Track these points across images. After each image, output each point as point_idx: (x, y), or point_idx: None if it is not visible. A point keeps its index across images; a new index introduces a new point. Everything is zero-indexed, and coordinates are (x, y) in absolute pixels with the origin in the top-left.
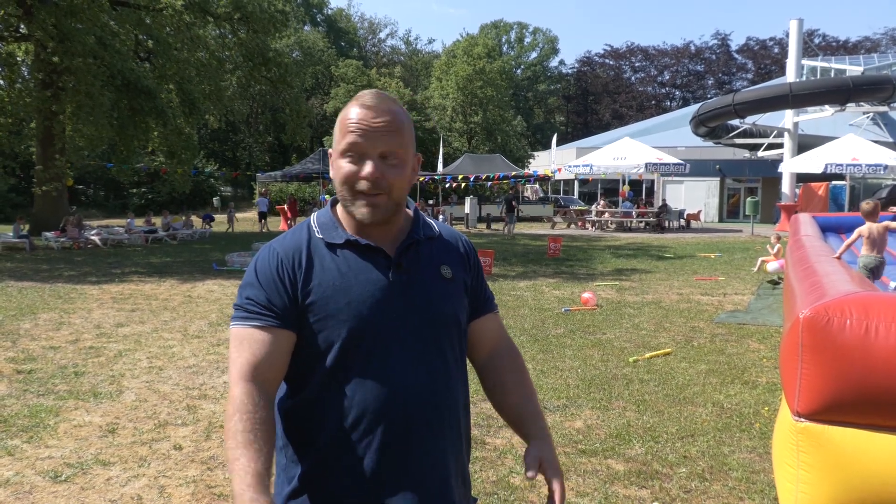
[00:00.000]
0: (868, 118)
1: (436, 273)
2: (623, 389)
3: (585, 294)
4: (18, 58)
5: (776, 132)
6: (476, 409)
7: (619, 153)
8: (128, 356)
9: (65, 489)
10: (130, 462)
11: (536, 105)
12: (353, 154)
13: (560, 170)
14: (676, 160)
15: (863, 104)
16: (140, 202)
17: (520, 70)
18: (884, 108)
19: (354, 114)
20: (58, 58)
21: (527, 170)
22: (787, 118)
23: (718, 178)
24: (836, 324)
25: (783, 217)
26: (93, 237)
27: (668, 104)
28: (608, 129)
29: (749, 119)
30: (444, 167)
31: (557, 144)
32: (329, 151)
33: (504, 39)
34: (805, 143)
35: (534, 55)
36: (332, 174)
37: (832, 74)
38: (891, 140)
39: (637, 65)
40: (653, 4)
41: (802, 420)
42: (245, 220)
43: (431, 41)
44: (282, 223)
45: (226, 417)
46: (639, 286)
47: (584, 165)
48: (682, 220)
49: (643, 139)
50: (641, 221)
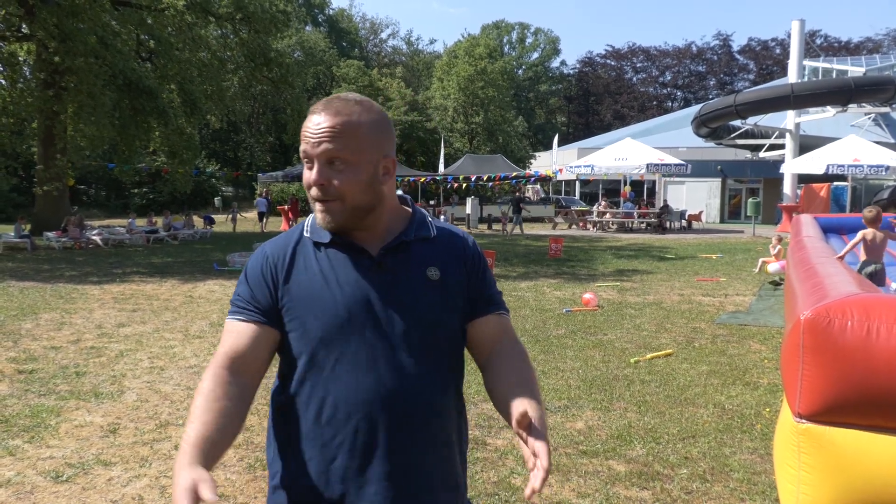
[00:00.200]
0: (870, 119)
1: (421, 275)
2: (624, 390)
3: (587, 295)
4: (20, 58)
5: (778, 133)
6: (477, 410)
7: (621, 154)
8: (129, 356)
9: (66, 489)
10: (132, 462)
11: (538, 105)
12: (307, 161)
13: (561, 170)
14: (678, 161)
15: (864, 105)
16: (141, 202)
17: (521, 70)
18: (885, 109)
19: (307, 121)
20: (59, 58)
21: (528, 170)
22: (789, 119)
23: (720, 179)
24: (838, 325)
25: (784, 218)
26: (94, 237)
27: (670, 105)
28: (609, 130)
29: (751, 120)
30: (446, 168)
31: (559, 145)
32: None
33: (505, 40)
34: (807, 144)
35: (535, 55)
36: None
37: (834, 75)
38: (892, 141)
39: (638, 65)
40: (654, 5)
41: (804, 421)
42: (247, 221)
43: (433, 41)
44: (283, 223)
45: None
46: (640, 287)
47: (586, 166)
48: (684, 221)
49: (645, 140)
50: (643, 222)
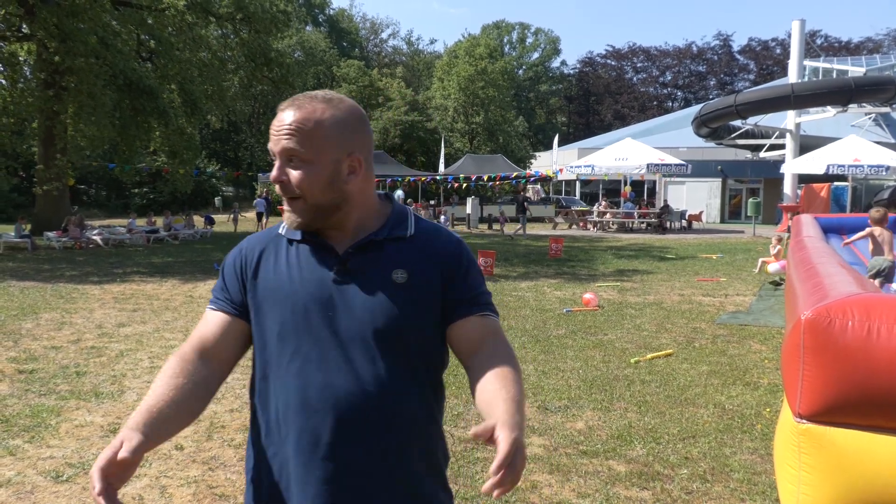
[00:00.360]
0: (870, 119)
1: (386, 277)
2: (624, 390)
3: (587, 295)
4: (21, 57)
5: (778, 133)
6: (477, 410)
7: (621, 154)
8: (129, 356)
9: (66, 489)
10: None
11: (538, 105)
12: (273, 158)
13: (562, 170)
14: (678, 161)
15: (865, 105)
16: (142, 202)
17: (521, 70)
18: (886, 109)
19: (274, 118)
20: (60, 58)
21: (528, 170)
22: (789, 119)
23: (720, 179)
24: (838, 325)
25: (784, 218)
26: (94, 237)
27: (670, 105)
28: (610, 130)
29: (751, 120)
30: (446, 168)
31: (559, 145)
32: None
33: (506, 40)
34: (807, 144)
35: (535, 56)
36: None
37: (834, 75)
38: (893, 141)
39: (639, 65)
40: (654, 5)
41: (804, 421)
42: (248, 221)
43: (433, 41)
44: None
45: None
46: (640, 287)
47: (586, 166)
48: (684, 221)
49: (645, 140)
50: (643, 222)
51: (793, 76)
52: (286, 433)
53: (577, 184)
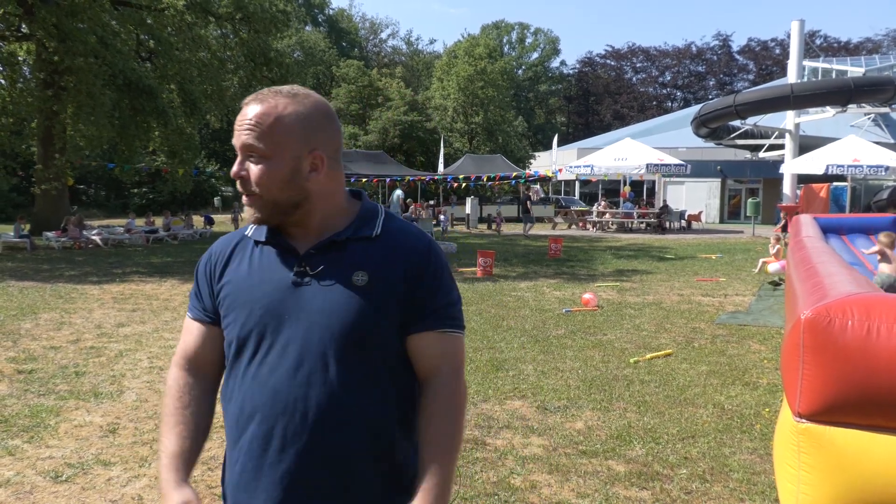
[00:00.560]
0: (869, 119)
1: (346, 279)
2: (624, 390)
3: (586, 295)
4: (20, 57)
5: (777, 133)
6: (476, 410)
7: (620, 154)
8: (129, 356)
9: (65, 489)
10: (131, 462)
11: (537, 105)
12: (237, 154)
13: (561, 170)
14: (677, 161)
15: (864, 105)
16: (141, 202)
17: (521, 70)
18: (885, 110)
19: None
20: (59, 57)
21: (528, 170)
22: (789, 119)
23: (719, 179)
24: (838, 325)
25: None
26: (94, 237)
27: (670, 105)
28: (609, 130)
29: (750, 120)
30: (445, 167)
31: (558, 145)
32: None
33: (505, 40)
34: (806, 144)
35: (535, 56)
36: None
37: (833, 75)
38: (892, 141)
39: (638, 65)
40: (654, 5)
41: (804, 421)
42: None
43: (433, 41)
44: None
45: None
46: (640, 287)
47: (585, 166)
48: (683, 221)
49: (644, 140)
50: (642, 222)
51: (792, 76)
52: (242, 437)
53: (577, 184)
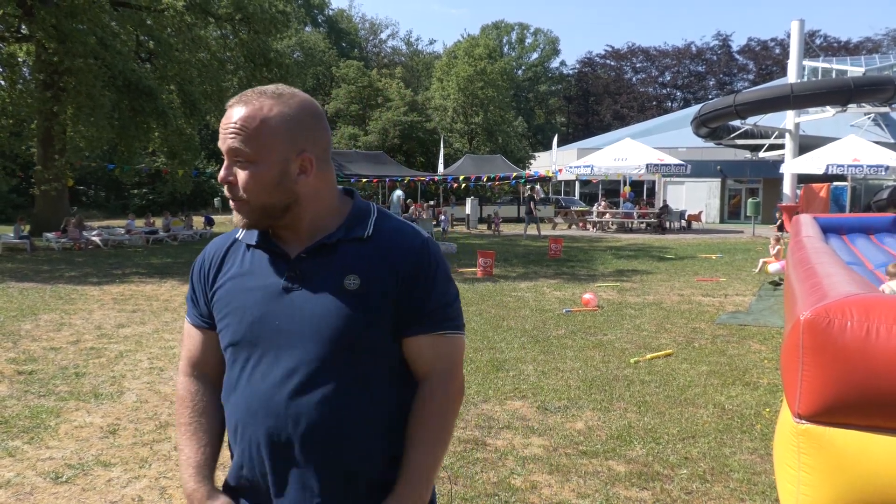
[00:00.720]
0: (869, 119)
1: (337, 283)
2: (624, 390)
3: (586, 295)
4: (19, 58)
5: (777, 133)
6: (476, 410)
7: (620, 154)
8: (129, 357)
9: (66, 490)
10: (131, 463)
11: (537, 106)
12: (223, 158)
13: (561, 171)
14: (677, 161)
15: (864, 105)
16: (141, 203)
17: (521, 71)
18: (885, 109)
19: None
20: (58, 58)
21: (528, 170)
22: (789, 119)
23: (719, 179)
24: (837, 325)
25: (784, 218)
26: (93, 238)
27: (670, 105)
28: (609, 130)
29: (750, 120)
30: (445, 168)
31: (558, 145)
32: None
33: (505, 40)
34: (806, 144)
35: (535, 56)
36: None
37: (833, 75)
38: (892, 141)
39: (638, 65)
40: (654, 5)
41: (803, 422)
42: None
43: (432, 42)
44: None
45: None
46: (640, 287)
47: (585, 166)
48: (683, 221)
49: (644, 140)
50: (642, 222)
51: (792, 76)
52: (239, 444)
53: (577, 184)
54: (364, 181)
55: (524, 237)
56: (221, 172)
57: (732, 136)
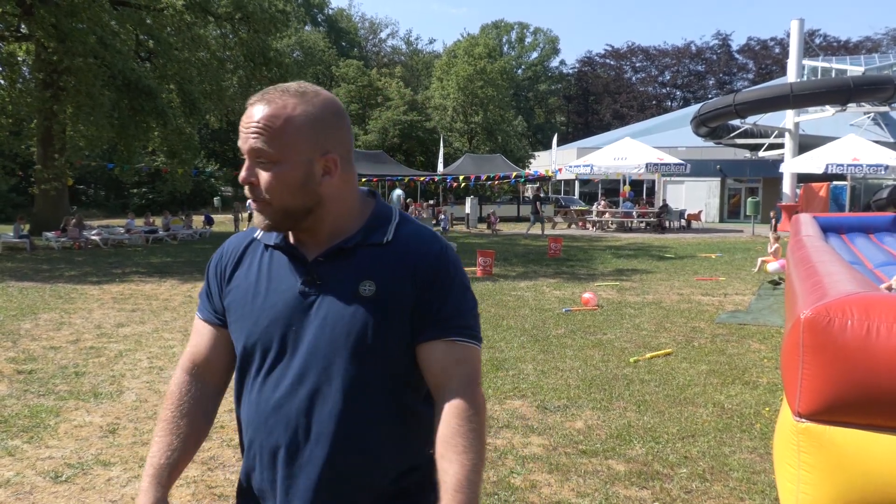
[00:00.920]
0: (869, 118)
1: (353, 289)
2: (624, 390)
3: (586, 294)
4: (19, 57)
5: (777, 132)
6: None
7: (620, 153)
8: (128, 356)
9: (65, 489)
10: (131, 462)
11: (537, 105)
12: (243, 157)
13: (561, 170)
14: (677, 160)
15: (864, 104)
16: (141, 202)
17: (520, 70)
18: (885, 109)
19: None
20: (58, 57)
21: (527, 170)
22: (788, 118)
23: (719, 179)
24: (838, 324)
25: (784, 217)
26: (93, 237)
27: (669, 104)
28: (609, 130)
29: (750, 119)
30: (445, 167)
31: (558, 144)
32: None
33: (505, 39)
34: (806, 144)
35: (534, 55)
36: None
37: (833, 75)
38: (892, 140)
39: (638, 65)
40: (654, 5)
41: (803, 420)
42: (243, 222)
43: (432, 41)
44: None
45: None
46: (639, 286)
47: (585, 165)
48: (683, 221)
49: (644, 139)
50: (642, 221)
51: (791, 75)
52: (251, 449)
53: (576, 183)
54: (364, 180)
55: (525, 236)
56: (242, 173)
57: (732, 136)
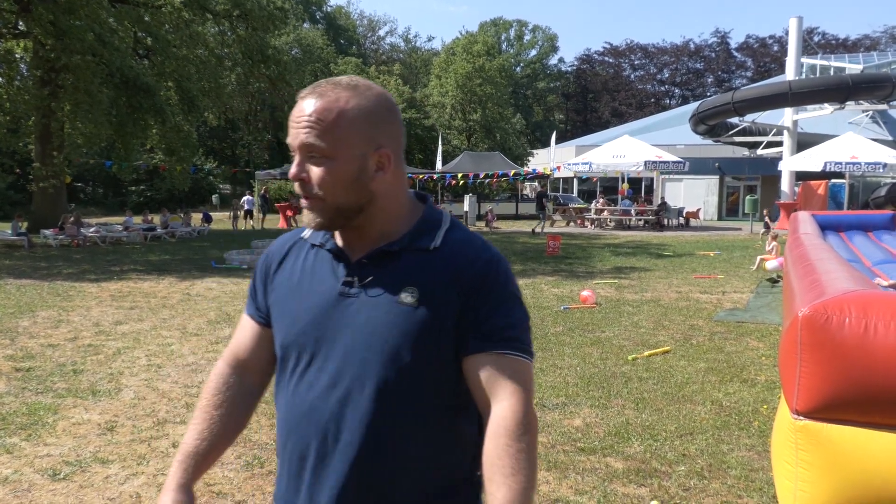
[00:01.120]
0: (867, 116)
1: (394, 294)
2: (622, 387)
3: (584, 292)
4: (17, 55)
5: (775, 130)
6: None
7: (619, 151)
8: (126, 354)
9: (63, 487)
10: (129, 460)
11: (536, 103)
12: (292, 153)
13: (559, 168)
14: (676, 158)
15: (862, 102)
16: (139, 200)
17: (519, 68)
18: (883, 107)
19: (294, 109)
20: (56, 55)
21: (526, 168)
22: (787, 116)
23: (718, 176)
24: (836, 322)
25: (782, 215)
26: (91, 235)
27: (668, 102)
28: (607, 127)
29: (748, 117)
30: (444, 165)
31: (557, 142)
32: None
33: (503, 37)
34: (804, 142)
35: (533, 53)
36: None
37: (832, 72)
38: (890, 138)
39: (636, 62)
40: (652, 2)
41: (801, 418)
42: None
43: (431, 39)
44: (281, 221)
45: None
46: (638, 284)
47: (584, 163)
48: (682, 218)
49: (642, 137)
50: (640, 219)
51: (790, 73)
52: (284, 451)
53: (575, 181)
54: None
55: (531, 234)
56: (293, 169)
57: (731, 134)
